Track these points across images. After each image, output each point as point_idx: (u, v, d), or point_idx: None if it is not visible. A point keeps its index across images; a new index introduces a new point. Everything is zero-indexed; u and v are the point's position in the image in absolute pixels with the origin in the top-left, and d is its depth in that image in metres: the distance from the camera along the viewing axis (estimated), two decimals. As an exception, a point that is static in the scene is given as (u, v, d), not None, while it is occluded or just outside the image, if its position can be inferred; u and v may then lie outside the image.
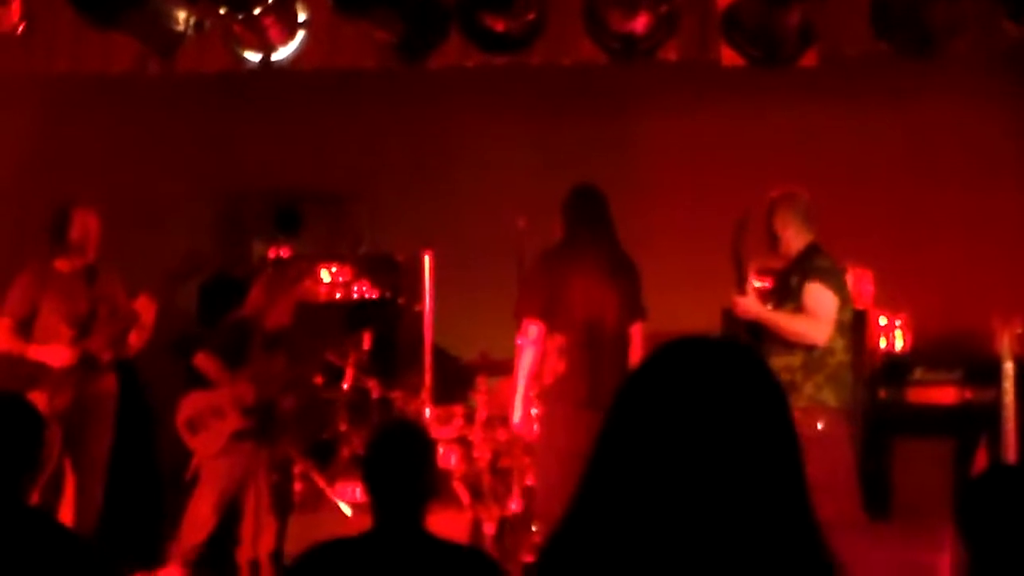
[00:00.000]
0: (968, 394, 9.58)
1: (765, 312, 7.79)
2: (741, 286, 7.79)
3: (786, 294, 7.84)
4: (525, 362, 8.34)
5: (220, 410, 9.21)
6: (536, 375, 8.33)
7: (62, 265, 8.91)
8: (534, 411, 8.58)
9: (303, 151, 11.80)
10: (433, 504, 4.71)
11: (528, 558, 8.58)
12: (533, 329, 8.31)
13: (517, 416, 8.44)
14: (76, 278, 8.91)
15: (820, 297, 7.73)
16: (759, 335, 7.70)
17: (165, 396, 10.24)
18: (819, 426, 7.51)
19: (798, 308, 7.73)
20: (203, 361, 9.27)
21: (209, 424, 9.21)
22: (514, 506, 9.09)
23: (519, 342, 8.39)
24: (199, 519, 9.15)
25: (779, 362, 7.50)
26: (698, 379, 2.09)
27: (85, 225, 8.93)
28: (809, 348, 7.68)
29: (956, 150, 11.05)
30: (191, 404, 9.25)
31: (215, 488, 9.14)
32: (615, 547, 2.04)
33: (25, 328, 8.78)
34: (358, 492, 9.09)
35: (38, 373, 8.69)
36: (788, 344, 7.66)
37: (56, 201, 9.04)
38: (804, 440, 2.13)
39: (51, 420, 8.06)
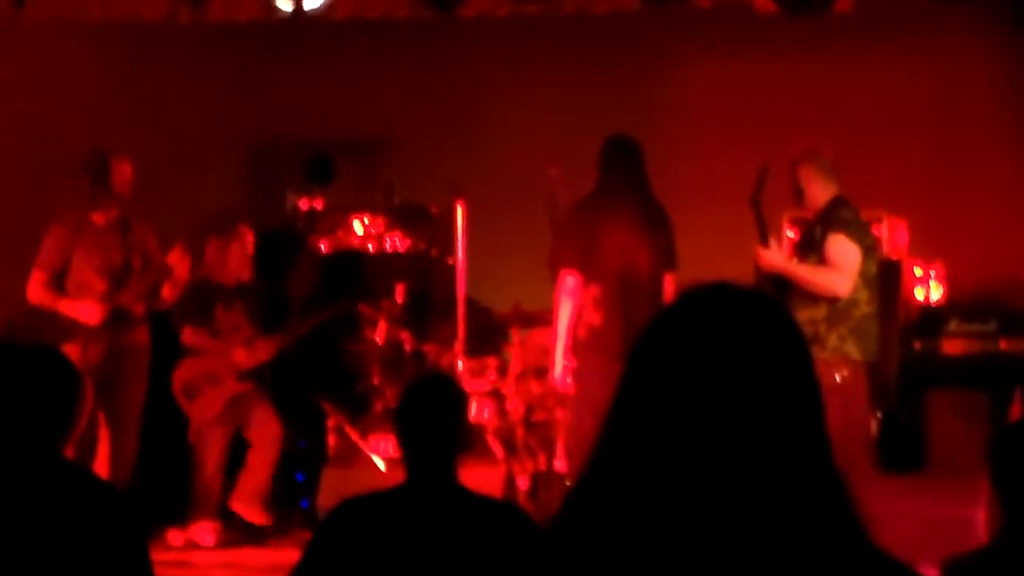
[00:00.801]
0: (1003, 345, 9.55)
1: (787, 264, 7.75)
2: (763, 238, 7.75)
3: (810, 246, 7.80)
4: (564, 314, 8.31)
5: (215, 376, 9.28)
6: (575, 326, 8.31)
7: (97, 217, 8.90)
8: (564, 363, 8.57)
9: (335, 102, 11.78)
10: (466, 458, 4.71)
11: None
12: (570, 279, 8.28)
13: (559, 370, 8.41)
14: (111, 230, 8.90)
15: (842, 248, 7.67)
16: (783, 287, 7.66)
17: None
18: (838, 378, 7.47)
19: (821, 260, 7.68)
20: (191, 337, 9.36)
21: (205, 390, 9.28)
22: (558, 464, 9.06)
23: (557, 294, 8.36)
24: (206, 481, 9.23)
25: (803, 314, 7.47)
26: (719, 327, 2.07)
27: (123, 174, 8.92)
28: (832, 300, 7.64)
29: (991, 98, 10.97)
30: (186, 371, 9.32)
31: (215, 453, 9.24)
32: (634, 499, 2.03)
33: (59, 280, 8.79)
34: (391, 446, 9.09)
35: (71, 326, 8.70)
36: (812, 296, 7.62)
37: (92, 150, 9.02)
38: (824, 390, 2.11)
39: (84, 373, 8.07)
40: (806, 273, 7.69)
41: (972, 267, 10.11)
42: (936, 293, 10.10)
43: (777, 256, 7.76)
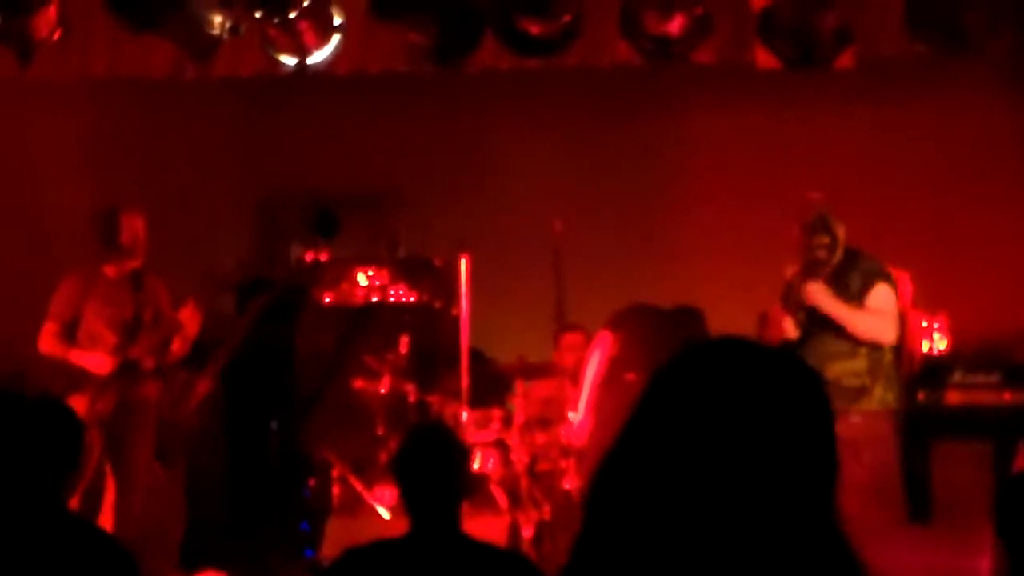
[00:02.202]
0: (1007, 396, 9.54)
1: (837, 303, 7.77)
2: (813, 272, 7.79)
3: (845, 296, 7.83)
4: (592, 365, 8.39)
5: None
6: (602, 379, 8.40)
7: (110, 270, 8.94)
8: (572, 414, 8.64)
9: (340, 155, 11.82)
10: (470, 507, 4.71)
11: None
12: (607, 335, 8.41)
13: (579, 417, 8.49)
14: (122, 283, 8.93)
15: (888, 297, 7.78)
16: (812, 330, 7.70)
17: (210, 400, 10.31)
18: (882, 430, 7.56)
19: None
20: None
21: None
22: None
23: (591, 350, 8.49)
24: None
25: (845, 367, 7.52)
26: (726, 380, 2.07)
27: (133, 228, 8.95)
28: (874, 348, 7.69)
29: (996, 150, 11.00)
30: None
31: None
32: (636, 550, 2.03)
33: (70, 331, 8.81)
34: (396, 496, 9.10)
35: (80, 377, 8.72)
36: (850, 346, 7.67)
37: (101, 205, 9.07)
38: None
39: (92, 425, 8.08)
40: (857, 316, 7.73)
41: (976, 319, 10.11)
42: (940, 344, 10.10)
43: (826, 293, 7.79)
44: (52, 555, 4.07)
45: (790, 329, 7.97)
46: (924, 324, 10.10)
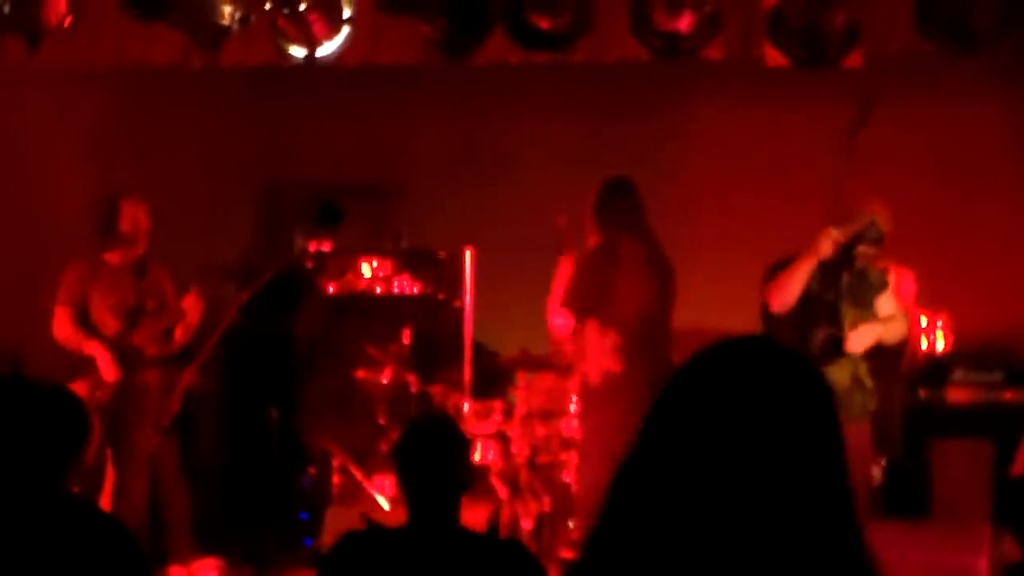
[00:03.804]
0: (1008, 395, 9.56)
1: (874, 331, 7.86)
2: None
3: (868, 296, 7.91)
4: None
5: None
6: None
7: (112, 258, 8.96)
8: (573, 407, 8.69)
9: (346, 146, 11.82)
10: (469, 498, 4.71)
11: (566, 554, 8.59)
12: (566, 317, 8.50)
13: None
14: (125, 271, 8.96)
15: (892, 300, 7.90)
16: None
17: (210, 389, 10.34)
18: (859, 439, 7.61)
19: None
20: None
21: None
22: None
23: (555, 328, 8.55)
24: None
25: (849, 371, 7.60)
26: (748, 381, 2.08)
27: (135, 217, 8.98)
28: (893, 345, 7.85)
29: (1000, 149, 11.00)
30: None
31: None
32: (650, 549, 2.03)
33: (83, 318, 8.85)
34: (395, 486, 9.11)
35: (81, 363, 8.74)
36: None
37: (103, 193, 9.09)
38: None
39: (92, 411, 8.10)
40: (887, 331, 7.86)
41: (978, 318, 10.11)
42: (941, 343, 10.11)
43: (867, 333, 7.87)
44: (53, 537, 4.09)
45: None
46: (925, 322, 10.11)
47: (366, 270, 10.99)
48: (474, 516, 7.63)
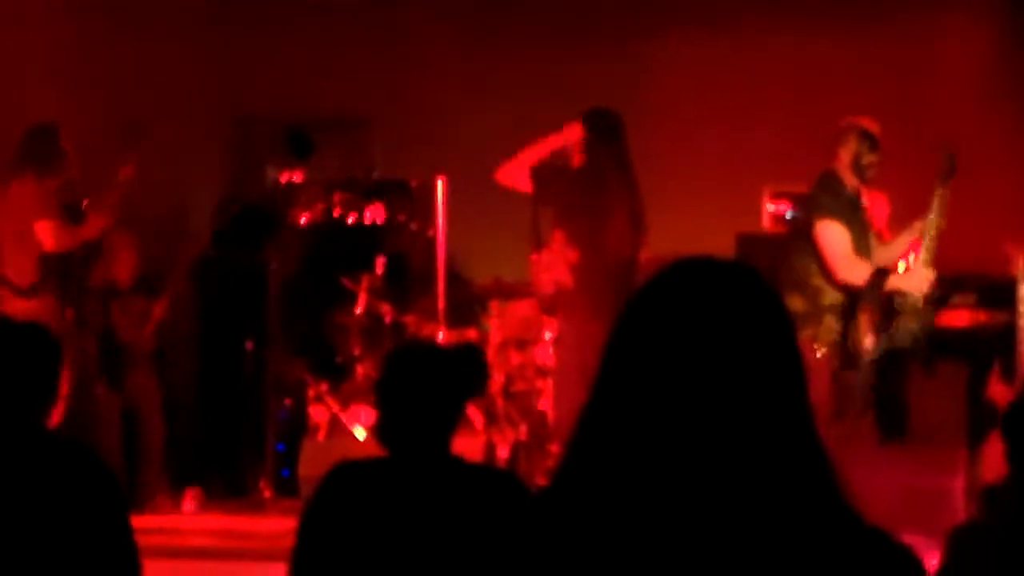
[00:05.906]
0: (982, 317, 9.57)
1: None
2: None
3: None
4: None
5: None
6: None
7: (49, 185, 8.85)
8: (548, 335, 8.69)
9: (316, 76, 11.76)
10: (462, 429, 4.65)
11: (542, 482, 8.60)
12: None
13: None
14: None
15: None
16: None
17: (184, 322, 10.32)
18: (818, 354, 7.61)
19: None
20: None
21: None
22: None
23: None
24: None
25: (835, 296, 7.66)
26: (704, 299, 2.08)
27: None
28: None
29: (969, 73, 11.00)
30: None
31: None
32: (617, 478, 2.04)
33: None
34: (372, 416, 9.12)
35: None
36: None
37: (35, 122, 9.00)
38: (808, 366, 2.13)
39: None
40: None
41: (952, 239, 10.12)
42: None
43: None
44: (33, 472, 4.08)
45: None
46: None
47: (338, 200, 10.97)
48: (465, 450, 7.64)
